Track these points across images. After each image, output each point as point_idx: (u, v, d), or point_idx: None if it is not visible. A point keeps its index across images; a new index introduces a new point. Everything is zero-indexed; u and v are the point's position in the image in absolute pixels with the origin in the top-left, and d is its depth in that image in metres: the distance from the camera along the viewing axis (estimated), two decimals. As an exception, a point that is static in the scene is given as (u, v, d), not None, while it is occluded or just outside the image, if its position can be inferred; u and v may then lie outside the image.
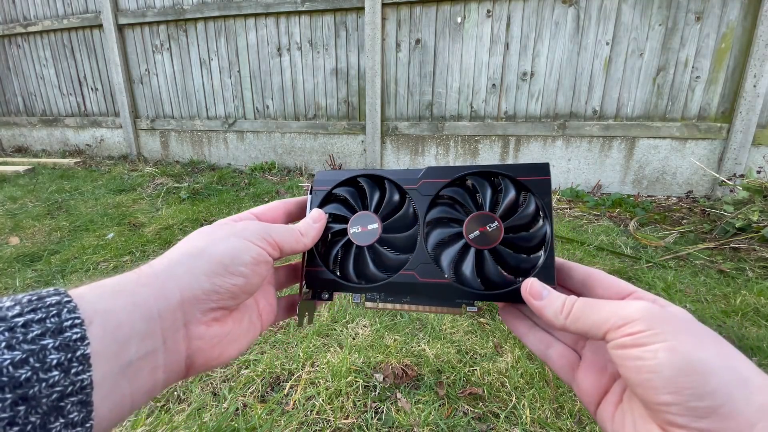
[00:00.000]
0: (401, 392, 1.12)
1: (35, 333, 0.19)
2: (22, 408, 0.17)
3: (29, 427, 0.18)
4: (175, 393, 1.09)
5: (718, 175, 2.67)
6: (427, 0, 3.02)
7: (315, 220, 0.35)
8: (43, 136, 4.68)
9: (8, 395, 0.17)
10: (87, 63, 4.21)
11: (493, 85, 3.06)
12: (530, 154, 3.10)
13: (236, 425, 1.00)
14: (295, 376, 1.18)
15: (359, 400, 1.09)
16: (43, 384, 0.18)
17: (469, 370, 1.19)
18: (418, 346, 1.29)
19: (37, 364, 0.18)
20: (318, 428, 1.01)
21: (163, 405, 1.06)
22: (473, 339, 1.33)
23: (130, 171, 3.70)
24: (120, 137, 4.32)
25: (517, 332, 0.33)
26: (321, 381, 1.15)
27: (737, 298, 1.52)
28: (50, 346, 0.19)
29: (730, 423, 0.20)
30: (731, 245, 1.96)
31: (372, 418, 1.04)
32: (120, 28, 3.95)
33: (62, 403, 0.19)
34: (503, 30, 2.94)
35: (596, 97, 2.88)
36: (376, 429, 1.01)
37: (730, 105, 2.64)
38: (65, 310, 0.20)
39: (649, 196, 2.90)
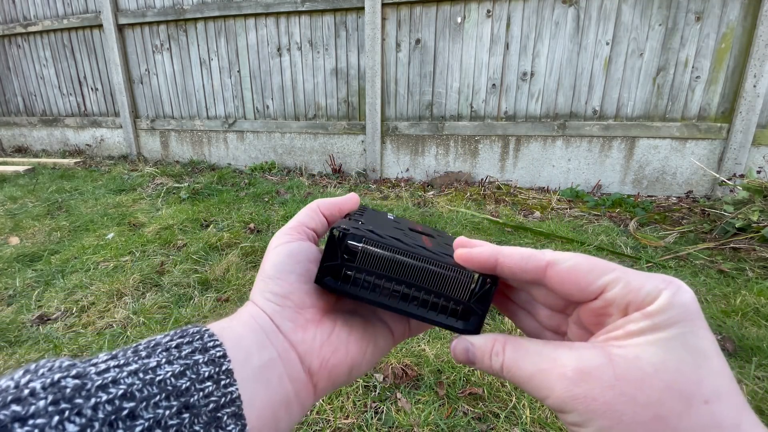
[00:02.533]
0: (401, 392, 1.12)
1: (187, 351, 0.22)
2: (186, 416, 0.19)
3: None
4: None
5: (718, 175, 2.67)
6: (427, 0, 3.02)
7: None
8: (43, 136, 4.68)
9: (174, 402, 0.19)
10: (87, 63, 4.21)
11: (493, 85, 3.06)
12: (530, 154, 3.10)
13: (236, 425, 1.00)
14: (295, 376, 1.18)
15: (359, 400, 1.09)
16: (201, 393, 0.20)
17: (469, 370, 1.19)
18: (418, 346, 1.29)
19: (193, 376, 0.21)
20: (318, 428, 1.01)
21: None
22: (473, 339, 1.33)
23: (130, 171, 3.70)
24: (120, 137, 4.32)
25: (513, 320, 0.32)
26: (321, 381, 1.15)
27: (737, 298, 1.52)
28: (201, 360, 0.21)
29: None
30: (731, 245, 1.96)
31: (372, 418, 1.04)
32: (120, 28, 3.95)
33: (219, 414, 0.20)
34: (503, 30, 2.94)
35: (596, 97, 2.88)
36: (376, 429, 1.01)
37: (730, 105, 2.64)
38: (206, 334, 0.23)
39: (649, 196, 2.90)
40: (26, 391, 0.16)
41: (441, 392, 1.12)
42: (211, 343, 0.23)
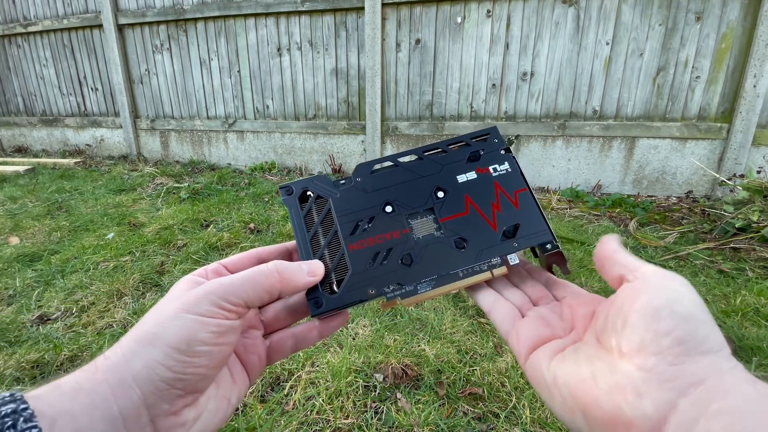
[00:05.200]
0: (401, 392, 1.12)
1: None
2: None
3: None
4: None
5: (718, 175, 2.67)
6: (427, 0, 3.02)
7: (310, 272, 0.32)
8: (43, 136, 4.67)
9: None
10: (87, 63, 4.21)
11: (493, 85, 3.06)
12: (530, 154, 3.10)
13: (236, 425, 1.00)
14: (295, 376, 1.18)
15: (359, 400, 1.09)
16: None
17: (469, 370, 1.19)
18: (418, 346, 1.29)
19: None
20: (318, 428, 1.01)
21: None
22: (473, 339, 1.33)
23: (130, 171, 3.70)
24: (120, 137, 4.32)
25: (471, 292, 0.36)
26: (321, 381, 1.15)
27: (737, 298, 1.52)
28: None
29: (702, 364, 0.20)
30: (731, 245, 1.96)
31: (372, 418, 1.04)
32: (120, 28, 3.95)
33: None
34: (503, 30, 2.94)
35: (596, 97, 2.88)
36: (376, 429, 1.01)
37: (730, 105, 2.64)
38: (21, 419, 0.19)
39: (649, 196, 2.90)
40: None
41: (441, 392, 1.12)
42: None
